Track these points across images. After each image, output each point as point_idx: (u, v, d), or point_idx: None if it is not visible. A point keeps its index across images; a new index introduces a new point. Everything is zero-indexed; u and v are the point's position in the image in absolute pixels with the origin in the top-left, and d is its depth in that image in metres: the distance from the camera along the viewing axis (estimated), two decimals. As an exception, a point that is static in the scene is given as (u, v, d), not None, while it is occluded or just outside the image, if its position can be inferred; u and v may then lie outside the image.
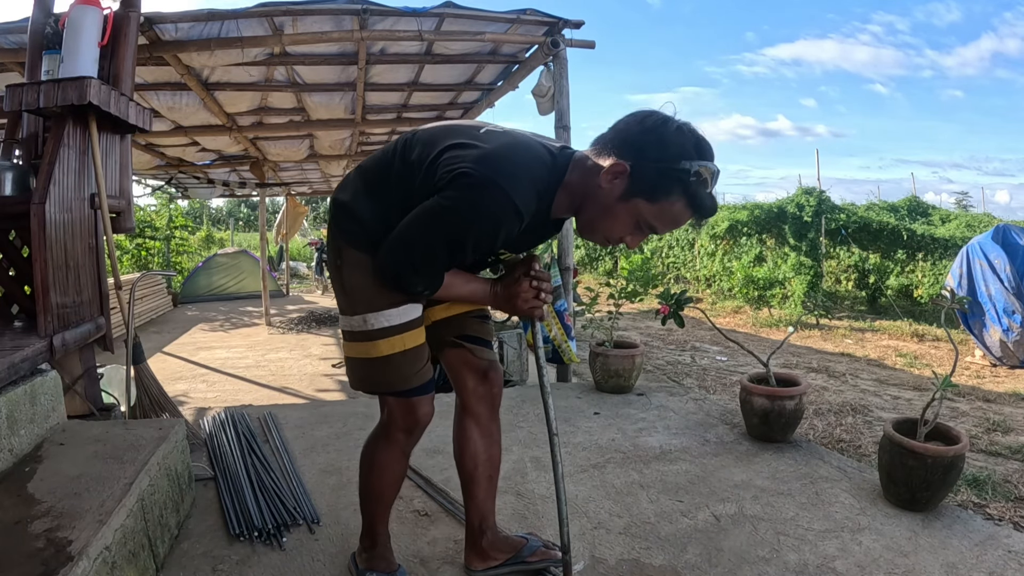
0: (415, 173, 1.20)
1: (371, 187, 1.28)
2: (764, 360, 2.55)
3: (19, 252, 1.99)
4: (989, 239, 5.23)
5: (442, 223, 1.14)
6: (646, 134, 1.08)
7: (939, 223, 9.25)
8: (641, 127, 1.10)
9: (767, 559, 1.62)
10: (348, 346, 1.34)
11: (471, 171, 1.11)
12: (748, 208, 9.34)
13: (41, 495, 1.36)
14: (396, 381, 1.32)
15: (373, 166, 1.30)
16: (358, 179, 1.31)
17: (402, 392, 1.33)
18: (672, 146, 1.06)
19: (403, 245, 1.18)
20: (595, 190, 1.13)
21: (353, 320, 1.30)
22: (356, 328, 1.30)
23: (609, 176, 1.09)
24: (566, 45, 3.64)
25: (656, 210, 1.10)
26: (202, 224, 18.51)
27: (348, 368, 1.38)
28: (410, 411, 1.36)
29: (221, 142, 6.18)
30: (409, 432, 1.39)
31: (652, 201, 1.09)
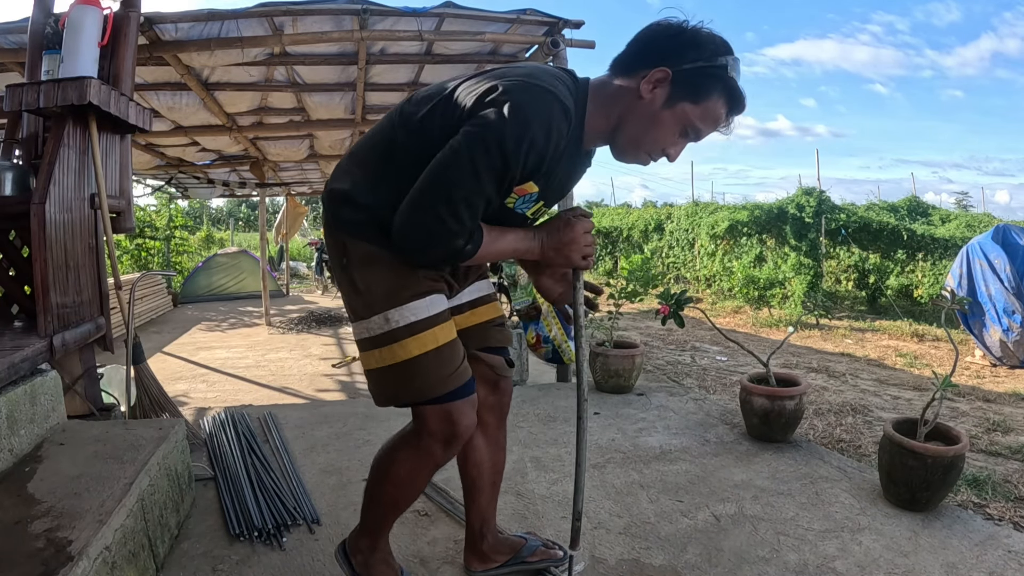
0: (428, 128, 1.08)
1: (372, 169, 1.15)
2: (764, 360, 2.55)
3: (19, 252, 1.99)
4: (989, 239, 5.23)
5: (482, 148, 0.99)
6: (680, 38, 1.06)
7: (939, 223, 9.26)
8: (671, 34, 1.07)
9: (767, 559, 1.62)
10: (368, 356, 1.17)
11: (500, 83, 1.02)
12: (748, 208, 9.34)
13: (41, 495, 1.36)
14: (432, 386, 1.15)
15: (369, 147, 1.18)
16: (353, 165, 1.19)
17: (440, 398, 1.16)
18: (707, 45, 1.05)
19: (434, 194, 1.01)
20: (634, 103, 1.08)
21: (372, 322, 1.15)
22: (377, 331, 1.14)
23: (650, 85, 1.06)
24: (566, 45, 3.64)
25: (701, 111, 1.08)
26: (202, 224, 18.51)
27: (372, 383, 1.20)
28: (449, 420, 1.18)
29: (221, 142, 6.18)
30: (448, 444, 1.20)
31: (697, 102, 1.07)
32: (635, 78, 1.08)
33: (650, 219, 11.81)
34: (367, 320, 1.16)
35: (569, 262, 1.18)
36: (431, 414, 1.18)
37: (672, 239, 11.02)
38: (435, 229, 1.03)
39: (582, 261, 1.18)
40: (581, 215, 1.19)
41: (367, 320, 1.16)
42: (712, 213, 10.09)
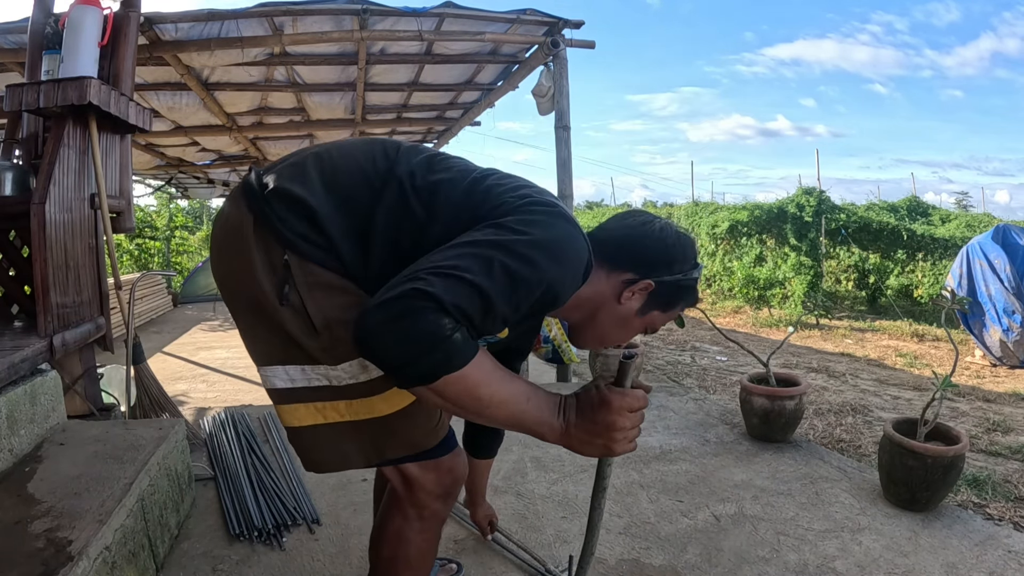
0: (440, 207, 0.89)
1: (346, 194, 0.90)
2: (764, 360, 2.55)
3: (19, 252, 1.99)
4: (989, 239, 5.23)
5: (517, 252, 0.78)
6: (670, 250, 1.03)
7: (939, 223, 9.26)
8: (662, 242, 1.04)
9: (767, 559, 1.62)
10: (318, 409, 0.92)
11: (551, 201, 0.90)
12: (748, 208, 9.34)
13: (41, 495, 1.36)
14: (426, 435, 0.98)
15: (353, 167, 0.93)
16: (319, 173, 0.92)
17: (434, 449, 1.00)
18: (689, 259, 1.05)
19: (445, 276, 0.73)
20: (611, 306, 1.03)
21: (339, 370, 0.89)
22: (347, 380, 0.89)
23: (631, 294, 1.02)
24: (566, 45, 3.65)
25: (667, 317, 1.09)
26: (202, 224, 18.51)
27: (320, 441, 0.94)
28: (447, 469, 1.02)
29: (221, 142, 6.19)
30: (448, 496, 1.04)
31: (666, 311, 1.07)
32: (614, 276, 1.01)
33: (650, 219, 11.80)
34: (332, 366, 0.89)
35: (605, 451, 0.84)
36: (426, 470, 1.00)
37: (672, 239, 10.99)
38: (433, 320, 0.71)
39: (621, 448, 0.84)
40: (636, 386, 0.86)
41: (332, 366, 0.89)
42: (712, 213, 10.10)
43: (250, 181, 0.93)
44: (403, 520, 1.04)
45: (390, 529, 1.06)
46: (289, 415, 0.94)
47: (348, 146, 0.98)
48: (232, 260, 0.92)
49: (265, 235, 0.88)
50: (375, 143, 0.99)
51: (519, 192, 0.90)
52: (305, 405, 0.92)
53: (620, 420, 0.81)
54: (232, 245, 0.92)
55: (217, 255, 0.97)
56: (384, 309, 0.71)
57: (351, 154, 0.96)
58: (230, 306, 0.98)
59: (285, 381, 0.92)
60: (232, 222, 0.92)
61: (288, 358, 0.91)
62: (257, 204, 0.89)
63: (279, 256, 0.87)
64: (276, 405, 0.95)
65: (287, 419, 0.95)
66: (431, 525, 1.05)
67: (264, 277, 0.88)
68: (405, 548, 1.04)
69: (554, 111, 3.72)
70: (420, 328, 0.70)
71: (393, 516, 1.06)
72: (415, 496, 1.02)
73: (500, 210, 0.86)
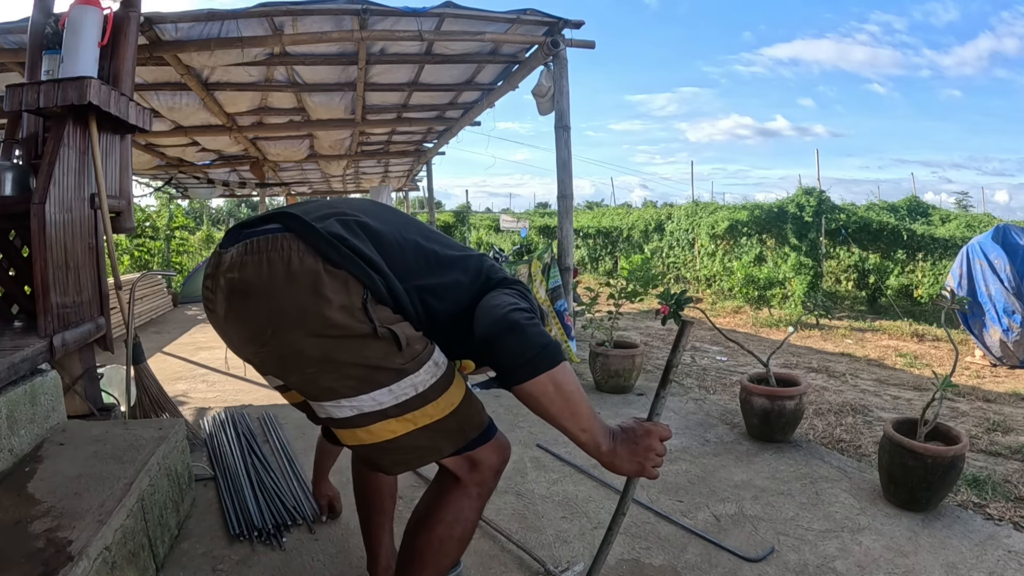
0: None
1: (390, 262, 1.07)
2: (764, 360, 2.55)
3: (19, 252, 1.99)
4: (989, 239, 5.22)
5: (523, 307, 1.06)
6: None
7: (939, 223, 9.25)
8: None
9: (767, 559, 1.62)
10: (405, 420, 1.02)
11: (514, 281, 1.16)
12: (748, 208, 9.33)
13: (41, 495, 1.36)
14: (481, 414, 1.12)
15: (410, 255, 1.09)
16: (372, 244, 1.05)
17: (488, 429, 1.13)
18: None
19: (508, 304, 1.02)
20: None
21: (425, 371, 1.03)
22: (433, 377, 1.04)
23: None
24: (566, 45, 3.65)
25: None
26: (202, 224, 18.51)
27: (414, 445, 1.04)
28: (504, 446, 1.17)
29: (221, 142, 6.19)
30: (501, 471, 1.17)
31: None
32: None
33: (650, 219, 11.81)
34: (415, 374, 1.02)
35: (639, 471, 1.05)
36: (491, 448, 1.13)
37: (672, 239, 11.01)
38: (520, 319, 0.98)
39: (652, 471, 1.06)
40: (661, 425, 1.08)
41: (415, 374, 1.02)
42: (712, 213, 10.09)
43: (315, 229, 0.99)
44: (467, 499, 1.11)
45: (450, 510, 1.11)
46: (380, 431, 1.02)
47: (375, 210, 1.15)
48: (293, 305, 0.97)
49: (346, 277, 0.98)
50: (391, 211, 1.19)
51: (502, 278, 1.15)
52: (396, 419, 1.02)
53: (656, 446, 1.05)
54: (295, 290, 0.97)
55: (249, 302, 1.00)
56: (518, 316, 0.98)
57: (388, 220, 1.12)
58: (270, 353, 1.02)
59: (371, 406, 1.00)
60: (292, 268, 0.97)
61: (373, 384, 1.00)
62: (336, 252, 0.98)
63: (359, 295, 0.98)
64: (357, 428, 1.02)
65: (379, 435, 1.02)
66: (485, 503, 1.15)
67: (343, 316, 0.96)
68: (463, 527, 1.12)
69: (554, 111, 3.72)
70: (539, 330, 0.98)
71: (454, 498, 1.12)
72: (480, 475, 1.11)
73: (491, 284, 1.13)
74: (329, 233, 0.99)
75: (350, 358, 0.98)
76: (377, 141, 7.21)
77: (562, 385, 0.97)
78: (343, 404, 1.01)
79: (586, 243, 13.30)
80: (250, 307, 1.00)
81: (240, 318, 1.02)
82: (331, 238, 0.98)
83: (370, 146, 7.40)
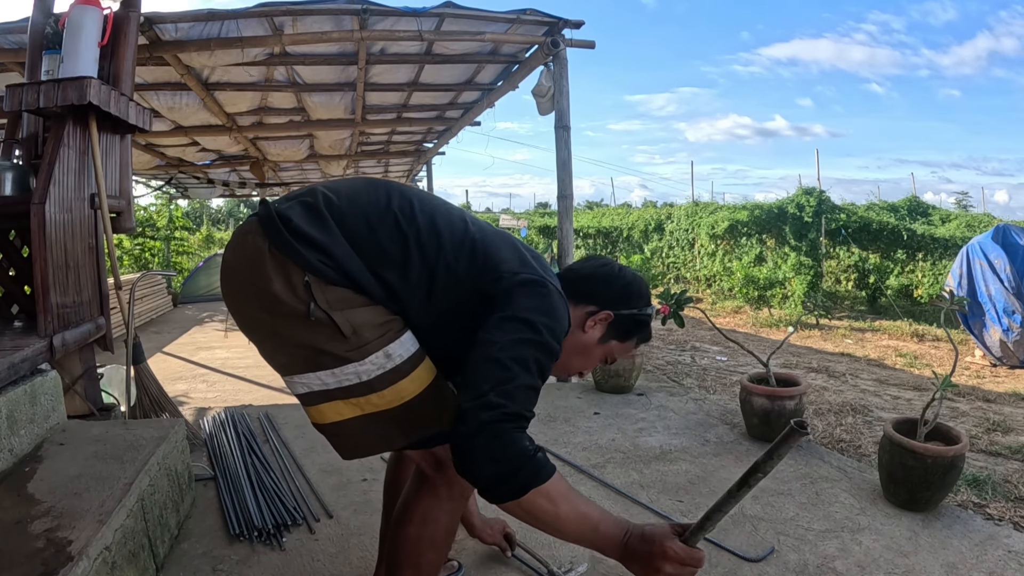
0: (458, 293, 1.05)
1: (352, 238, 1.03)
2: (764, 360, 2.55)
3: (19, 252, 1.99)
4: (989, 239, 5.22)
5: (532, 340, 0.96)
6: (627, 288, 1.23)
7: (939, 223, 9.25)
8: (621, 282, 1.23)
9: (767, 559, 1.62)
10: (355, 404, 1.02)
11: (536, 278, 1.05)
12: (748, 208, 9.34)
13: (41, 495, 1.36)
14: (449, 411, 1.02)
15: (359, 214, 1.05)
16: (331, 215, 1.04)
17: None
18: (644, 297, 1.24)
19: (510, 392, 0.90)
20: (575, 334, 1.18)
21: (368, 363, 1.00)
22: (376, 371, 1.01)
23: (592, 323, 1.19)
24: (566, 45, 3.65)
25: (623, 347, 1.25)
26: (202, 224, 18.51)
27: (363, 431, 1.04)
28: None
29: (221, 142, 6.19)
30: None
31: (623, 341, 1.24)
32: (579, 309, 1.19)
33: (650, 219, 11.81)
34: (359, 363, 1.00)
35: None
36: None
37: (672, 239, 11.02)
38: (503, 428, 0.87)
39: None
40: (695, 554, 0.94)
41: (359, 363, 1.00)
42: (712, 213, 10.09)
43: (270, 214, 1.03)
44: (433, 499, 1.11)
45: (418, 509, 1.11)
46: (328, 412, 1.04)
47: (351, 190, 1.10)
48: (250, 283, 1.03)
49: (284, 260, 0.99)
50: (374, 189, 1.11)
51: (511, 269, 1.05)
52: (343, 402, 1.02)
53: (668, 569, 0.91)
54: (251, 269, 1.02)
55: (231, 279, 1.08)
56: (479, 435, 0.86)
57: (356, 201, 1.08)
58: (247, 326, 1.08)
59: (318, 385, 1.02)
60: (249, 250, 1.03)
61: (317, 365, 1.01)
62: (278, 235, 1.00)
63: (300, 278, 0.99)
64: (310, 406, 1.05)
65: (327, 415, 1.04)
66: (459, 505, 1.13)
67: (286, 296, 0.99)
68: (433, 527, 1.11)
69: (554, 111, 3.72)
70: (512, 450, 0.87)
71: (422, 497, 1.12)
72: (446, 475, 1.08)
73: (501, 288, 1.02)
74: (278, 214, 1.02)
75: (294, 337, 1.01)
76: (377, 141, 7.21)
77: (544, 508, 0.88)
78: (295, 380, 1.04)
79: (586, 243, 13.30)
80: (229, 285, 1.09)
81: (225, 294, 1.11)
82: (278, 219, 1.01)
83: (370, 146, 7.40)
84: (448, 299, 1.05)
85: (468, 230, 1.10)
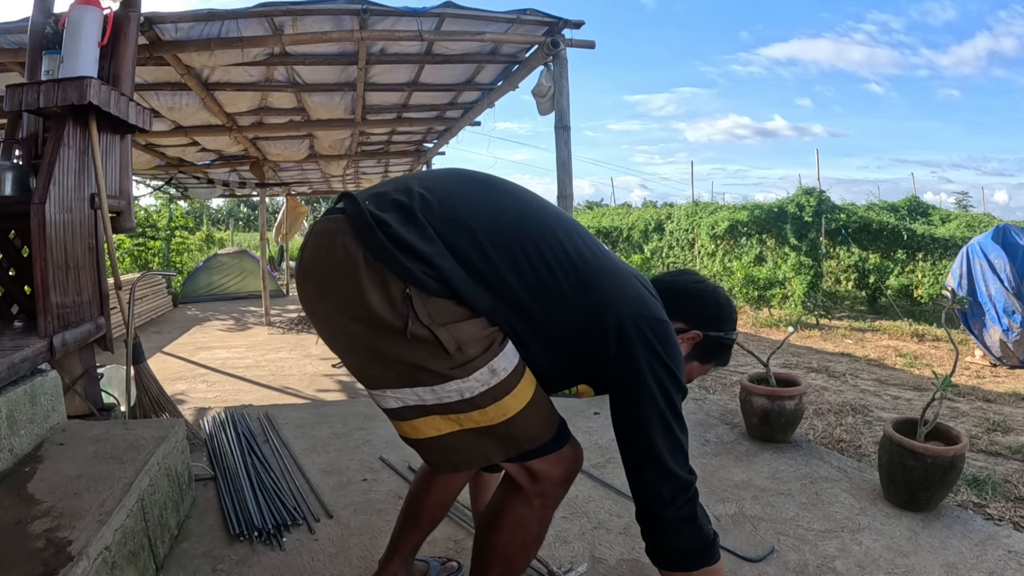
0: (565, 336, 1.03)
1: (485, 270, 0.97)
2: (764, 360, 2.55)
3: (19, 252, 1.99)
4: (989, 239, 5.22)
5: (665, 395, 1.02)
6: (719, 309, 1.22)
7: (939, 223, 9.25)
8: (714, 301, 1.22)
9: (767, 559, 1.62)
10: (454, 419, 0.99)
11: (657, 317, 1.05)
12: (748, 208, 9.33)
13: (41, 495, 1.36)
14: (548, 426, 1.06)
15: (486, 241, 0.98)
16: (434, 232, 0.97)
17: (554, 441, 1.08)
18: (732, 321, 1.23)
19: (658, 460, 1.02)
20: None
21: (473, 380, 0.96)
22: (480, 388, 0.97)
23: (680, 341, 1.14)
24: (566, 45, 3.64)
25: (702, 369, 1.24)
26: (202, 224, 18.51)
27: (461, 446, 1.01)
28: (572, 458, 1.11)
29: (221, 142, 6.18)
30: (569, 482, 1.13)
31: (704, 363, 1.23)
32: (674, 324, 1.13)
33: (650, 219, 11.80)
34: (464, 380, 0.95)
35: None
36: (554, 459, 1.08)
37: (672, 239, 11.01)
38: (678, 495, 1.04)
39: None
40: None
41: (464, 380, 0.95)
42: (712, 213, 10.09)
43: (362, 214, 0.95)
44: (527, 509, 1.10)
45: (510, 517, 1.11)
46: (424, 428, 1.00)
47: (447, 189, 1.04)
48: (340, 292, 0.96)
49: (382, 271, 0.92)
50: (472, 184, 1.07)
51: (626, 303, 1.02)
52: (442, 417, 0.99)
53: None
54: (340, 277, 0.95)
55: (315, 283, 1.00)
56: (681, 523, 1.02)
57: (455, 202, 1.01)
58: (331, 336, 1.03)
59: (414, 401, 0.98)
60: (339, 254, 0.95)
61: (415, 381, 0.96)
62: (376, 242, 0.92)
63: (400, 290, 0.92)
64: (402, 421, 1.01)
65: (422, 431, 1.01)
66: (551, 513, 1.13)
67: (383, 311, 0.92)
68: (524, 534, 1.11)
69: (554, 111, 3.72)
70: (704, 535, 1.03)
71: (514, 506, 1.11)
72: (541, 487, 1.08)
73: (620, 328, 1.00)
74: (374, 217, 0.94)
75: (390, 353, 0.95)
76: (377, 141, 7.21)
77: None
78: (388, 394, 0.99)
79: (586, 243, 13.27)
80: (310, 288, 1.02)
81: (304, 297, 1.04)
82: (374, 224, 0.94)
83: (370, 146, 7.39)
84: (552, 318, 1.00)
85: (579, 246, 1.04)
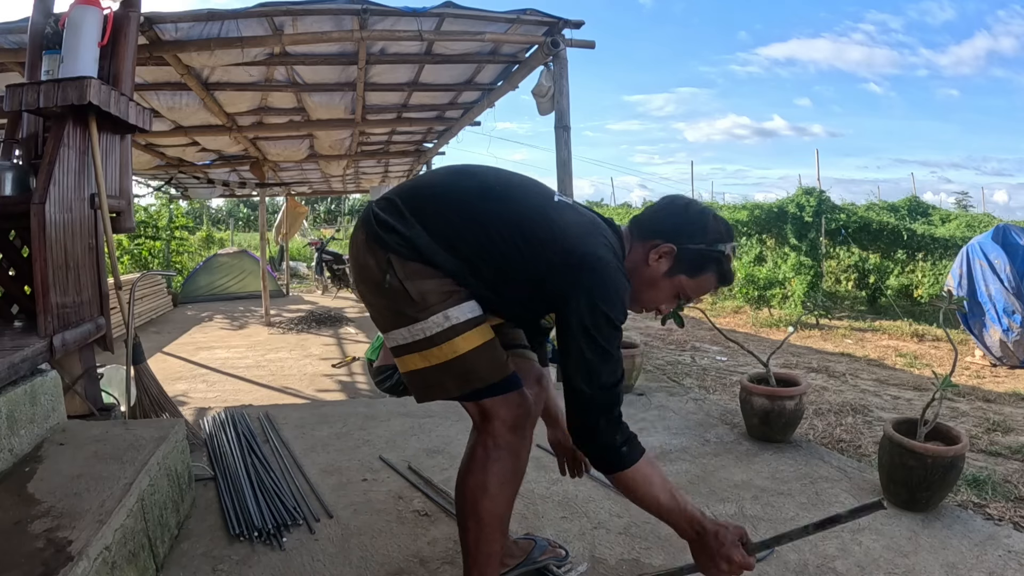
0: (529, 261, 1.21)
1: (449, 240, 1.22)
2: (764, 360, 2.55)
3: (19, 252, 1.99)
4: (989, 239, 5.23)
5: (607, 322, 1.14)
6: (691, 222, 1.28)
7: (939, 223, 9.26)
8: (686, 215, 1.30)
9: (767, 559, 1.62)
10: (421, 356, 1.23)
11: (596, 254, 1.19)
12: (748, 208, 9.34)
13: (41, 495, 1.36)
14: (495, 370, 1.24)
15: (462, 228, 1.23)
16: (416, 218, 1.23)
17: (502, 382, 1.24)
18: (711, 232, 1.27)
19: (592, 376, 1.14)
20: (642, 268, 1.29)
21: (430, 323, 1.20)
22: (435, 329, 1.20)
23: (656, 256, 1.27)
24: (566, 45, 3.64)
25: (695, 284, 1.29)
26: (202, 224, 18.51)
27: (424, 380, 1.25)
28: (516, 403, 1.26)
29: (221, 142, 6.18)
30: (520, 428, 1.27)
31: (692, 277, 1.28)
32: (645, 245, 1.29)
33: (650, 219, 11.80)
34: (423, 322, 1.21)
35: (707, 568, 1.21)
36: (500, 402, 1.25)
37: (672, 239, 11.00)
38: (606, 411, 1.16)
39: (712, 573, 1.20)
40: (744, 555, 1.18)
41: (423, 322, 1.21)
42: (712, 213, 10.09)
43: (367, 213, 1.29)
44: (483, 449, 1.27)
45: (473, 459, 1.28)
46: (408, 363, 1.26)
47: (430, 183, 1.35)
48: (358, 264, 1.29)
49: (376, 245, 1.24)
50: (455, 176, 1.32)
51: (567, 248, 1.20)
52: (415, 354, 1.24)
53: (724, 567, 1.17)
54: (356, 255, 1.30)
55: (353, 264, 1.34)
56: (606, 421, 1.15)
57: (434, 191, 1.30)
58: (363, 298, 1.34)
59: (402, 339, 1.24)
60: (357, 240, 1.30)
61: (400, 323, 1.24)
62: (370, 226, 1.25)
63: (385, 256, 1.22)
64: (398, 358, 1.27)
65: (407, 365, 1.26)
66: (504, 454, 1.26)
67: (375, 273, 1.24)
68: (483, 475, 1.25)
69: (554, 111, 3.72)
70: (622, 432, 1.17)
71: (476, 448, 1.28)
72: (491, 425, 1.25)
73: (570, 277, 1.17)
74: (374, 214, 1.25)
75: (382, 303, 1.26)
76: (377, 141, 7.21)
77: (633, 487, 1.19)
78: (389, 335, 1.27)
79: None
80: (352, 269, 1.34)
81: (352, 276, 1.48)
82: (371, 217, 1.25)
83: (370, 146, 7.39)
84: (508, 264, 1.21)
85: (528, 211, 1.25)
